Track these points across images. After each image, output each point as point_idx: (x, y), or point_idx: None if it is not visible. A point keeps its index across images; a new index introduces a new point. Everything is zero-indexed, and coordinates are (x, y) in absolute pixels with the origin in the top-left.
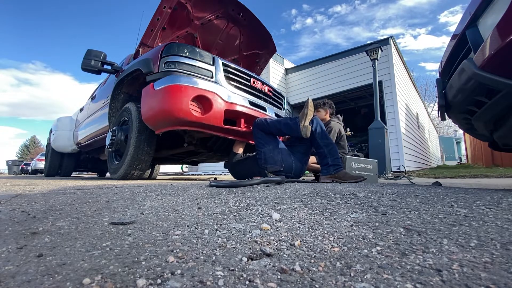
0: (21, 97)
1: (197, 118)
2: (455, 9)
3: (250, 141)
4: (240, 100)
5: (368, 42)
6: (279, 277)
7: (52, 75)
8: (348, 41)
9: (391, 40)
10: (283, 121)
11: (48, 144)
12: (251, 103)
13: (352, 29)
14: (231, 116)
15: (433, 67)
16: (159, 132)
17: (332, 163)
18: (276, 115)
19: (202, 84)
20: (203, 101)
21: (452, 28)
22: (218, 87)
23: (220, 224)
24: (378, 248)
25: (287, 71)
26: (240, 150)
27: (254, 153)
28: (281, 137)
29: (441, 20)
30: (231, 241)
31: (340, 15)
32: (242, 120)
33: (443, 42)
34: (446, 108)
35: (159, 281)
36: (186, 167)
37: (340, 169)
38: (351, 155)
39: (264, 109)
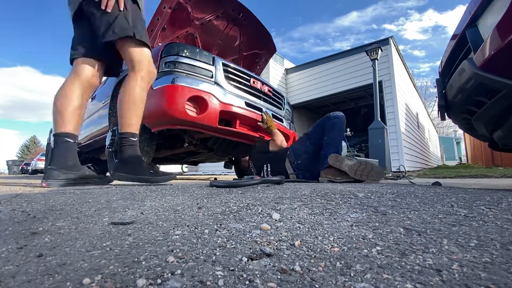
0: (14, 100)
1: (192, 118)
2: (399, 22)
3: (244, 141)
4: (237, 101)
5: (370, 42)
6: (279, 277)
7: (42, 78)
8: (303, 54)
9: (391, 40)
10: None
11: (48, 144)
12: (248, 104)
13: (302, 44)
14: (227, 116)
15: None
16: (155, 130)
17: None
18: (274, 115)
19: (199, 85)
20: (199, 101)
21: (407, 36)
22: (214, 88)
23: (220, 224)
24: (378, 248)
25: (287, 71)
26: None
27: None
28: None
29: (386, 33)
30: (231, 241)
31: (287, 31)
32: (238, 121)
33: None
34: (446, 108)
35: (159, 281)
36: (186, 167)
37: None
38: (351, 155)
39: (260, 109)
